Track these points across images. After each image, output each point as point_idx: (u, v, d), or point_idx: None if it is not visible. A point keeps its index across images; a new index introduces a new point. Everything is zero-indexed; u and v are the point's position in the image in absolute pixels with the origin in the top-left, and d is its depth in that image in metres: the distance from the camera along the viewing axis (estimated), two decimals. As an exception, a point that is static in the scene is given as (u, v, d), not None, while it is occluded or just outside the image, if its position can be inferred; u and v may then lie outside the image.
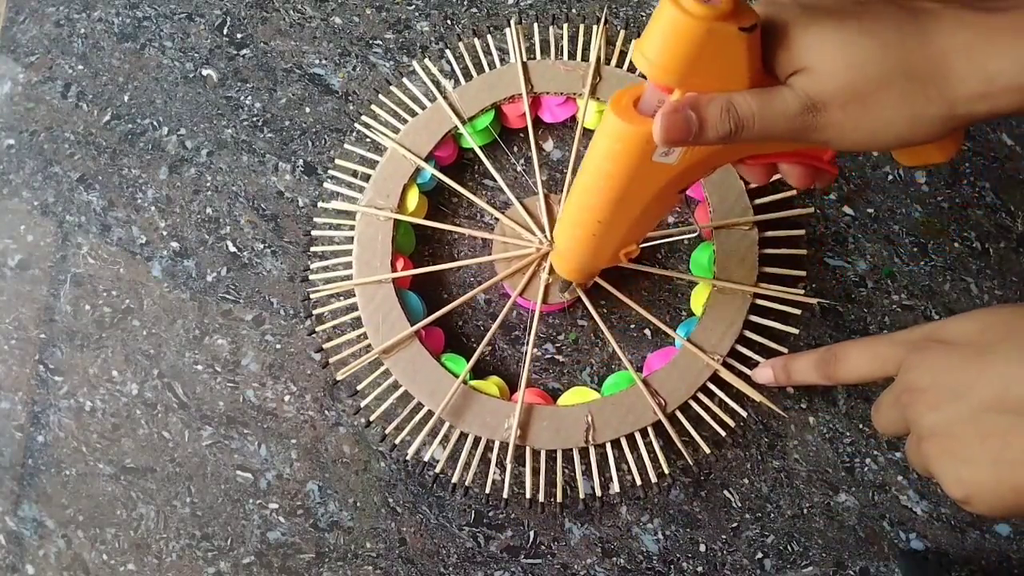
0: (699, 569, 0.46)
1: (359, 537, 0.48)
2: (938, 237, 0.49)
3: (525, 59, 0.50)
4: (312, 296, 0.48)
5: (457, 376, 0.45)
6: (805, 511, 0.47)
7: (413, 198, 0.48)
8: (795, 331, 0.46)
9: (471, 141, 0.49)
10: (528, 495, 0.45)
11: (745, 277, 0.46)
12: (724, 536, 0.47)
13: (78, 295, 0.51)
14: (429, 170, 0.48)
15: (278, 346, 0.50)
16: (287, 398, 0.49)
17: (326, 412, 0.49)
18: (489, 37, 0.51)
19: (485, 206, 0.49)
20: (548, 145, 0.52)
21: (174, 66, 0.54)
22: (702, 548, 0.47)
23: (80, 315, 0.51)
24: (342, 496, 0.48)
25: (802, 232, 0.48)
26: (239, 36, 0.54)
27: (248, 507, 0.48)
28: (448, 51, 0.52)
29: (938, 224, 0.49)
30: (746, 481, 0.47)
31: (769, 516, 0.47)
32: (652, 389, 0.45)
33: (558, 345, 0.49)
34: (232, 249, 0.51)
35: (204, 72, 0.54)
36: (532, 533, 0.47)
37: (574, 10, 0.53)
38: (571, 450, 0.45)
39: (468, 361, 0.46)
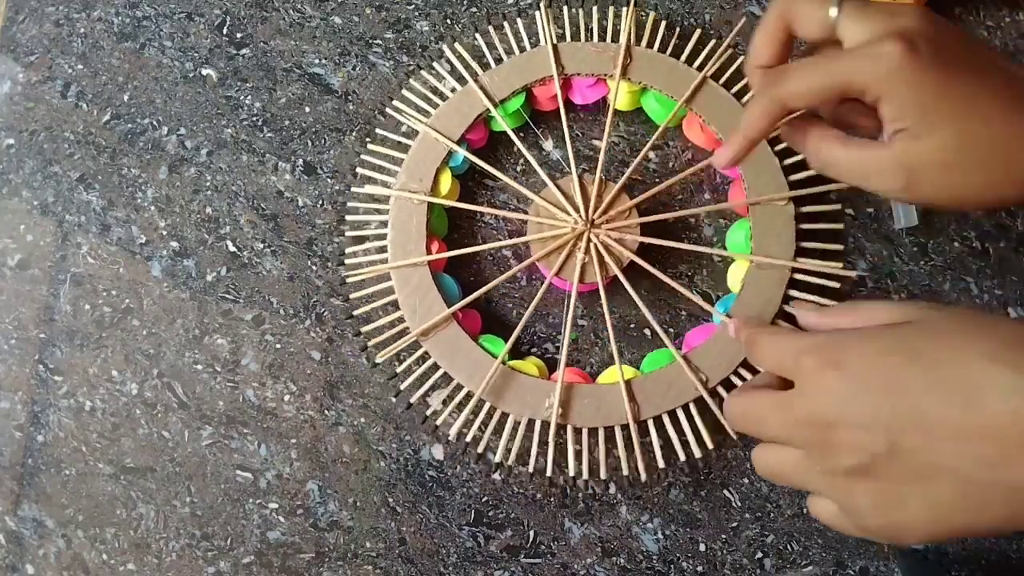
0: (699, 569, 0.46)
1: (359, 537, 0.48)
2: (938, 237, 0.49)
3: (555, 41, 0.50)
4: (348, 280, 0.48)
5: (496, 357, 0.45)
6: (805, 510, 0.47)
7: (446, 181, 0.48)
8: (835, 304, 0.45)
9: (503, 124, 0.49)
10: (572, 474, 0.45)
11: (783, 252, 0.46)
12: (724, 536, 0.47)
13: (78, 295, 0.51)
14: (462, 153, 0.48)
15: (278, 346, 0.50)
16: (287, 398, 0.49)
17: (326, 412, 0.49)
18: (519, 20, 0.51)
19: (519, 187, 0.49)
20: (548, 144, 0.52)
21: (174, 66, 0.54)
22: (702, 548, 0.47)
23: (80, 315, 0.51)
24: (342, 496, 0.48)
25: (839, 206, 0.47)
26: (239, 36, 0.54)
27: (248, 507, 0.48)
28: (478, 35, 0.51)
29: (938, 224, 0.49)
30: (746, 481, 0.47)
31: (769, 516, 0.47)
32: (693, 365, 0.45)
33: (558, 345, 0.49)
34: (232, 249, 0.51)
35: (204, 72, 0.54)
36: (532, 533, 0.47)
37: None
38: (613, 428, 0.45)
39: (506, 342, 0.46)
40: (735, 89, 0.49)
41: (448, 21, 0.54)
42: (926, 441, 0.27)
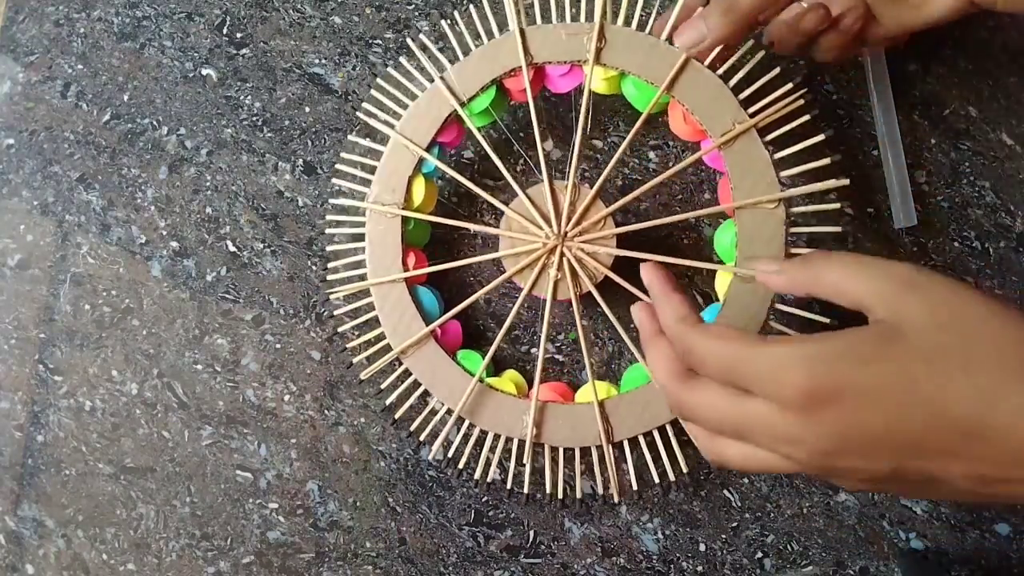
0: (699, 569, 0.46)
1: (359, 537, 0.48)
2: (938, 237, 0.49)
3: (523, 25, 0.44)
4: (331, 297, 0.48)
5: (473, 374, 0.45)
6: (805, 510, 0.47)
7: (419, 190, 0.46)
8: (824, 320, 0.43)
9: (471, 125, 0.46)
10: (548, 490, 0.45)
11: None
12: (724, 536, 0.47)
13: (78, 295, 0.51)
14: (432, 161, 0.46)
15: (278, 346, 0.50)
16: (287, 398, 0.49)
17: (326, 412, 0.49)
18: (485, 3, 0.47)
19: (489, 198, 0.47)
20: (548, 144, 0.52)
21: (174, 66, 0.54)
22: (702, 548, 0.47)
23: (80, 315, 0.51)
24: (342, 496, 0.48)
25: (837, 206, 0.43)
26: (239, 36, 0.54)
27: (248, 507, 0.48)
28: (444, 23, 0.47)
29: (938, 224, 0.49)
30: (746, 481, 0.47)
31: (769, 516, 0.47)
32: None
33: (558, 344, 0.49)
34: (232, 249, 0.51)
35: (204, 72, 0.54)
36: (532, 533, 0.47)
37: None
38: (588, 447, 0.45)
39: (483, 358, 0.45)
40: (722, 70, 0.43)
41: (448, 21, 0.54)
42: (925, 463, 0.27)
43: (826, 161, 0.43)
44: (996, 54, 0.50)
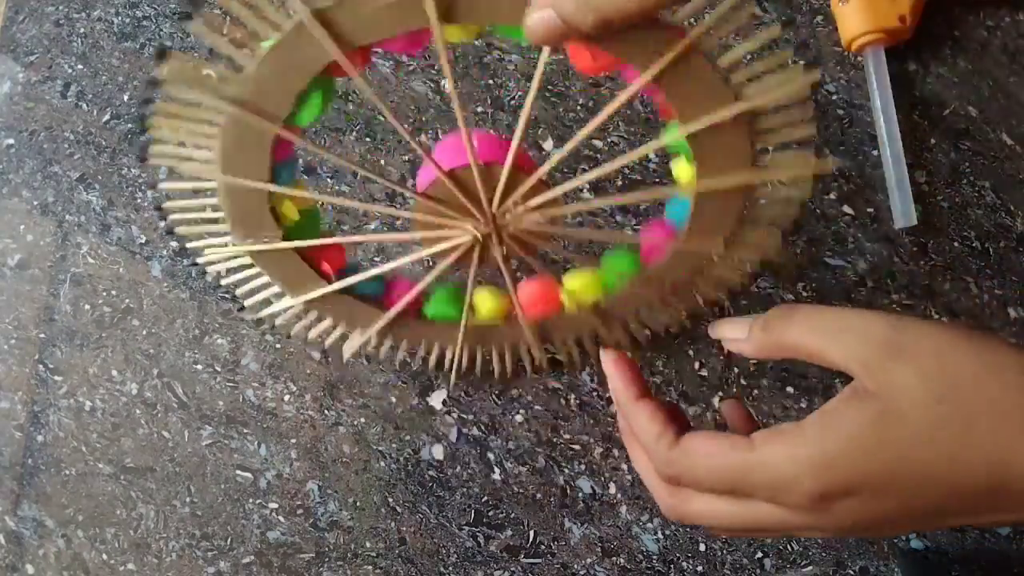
0: (699, 569, 0.46)
1: (359, 537, 0.48)
2: (938, 237, 0.49)
3: (317, 3, 0.29)
4: (277, 324, 0.44)
5: (457, 321, 0.42)
6: (805, 511, 0.47)
7: (290, 206, 0.38)
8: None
9: (297, 141, 0.34)
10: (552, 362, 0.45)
11: (737, 166, 0.34)
12: (724, 535, 0.47)
13: (78, 295, 0.51)
14: (285, 193, 0.36)
15: (278, 346, 0.50)
16: (287, 397, 0.49)
17: (326, 412, 0.49)
18: None
19: (377, 208, 0.38)
20: (548, 144, 0.52)
21: (174, 66, 0.54)
22: (702, 547, 0.47)
23: (80, 315, 0.51)
24: (342, 496, 0.48)
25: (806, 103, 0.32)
26: (239, 35, 0.54)
27: (248, 507, 0.48)
28: (188, 24, 0.33)
29: (938, 224, 0.49)
30: (746, 481, 0.47)
31: (769, 516, 0.47)
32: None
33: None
34: (232, 249, 0.51)
35: (203, 72, 0.54)
36: (532, 533, 0.47)
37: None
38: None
39: (450, 297, 0.42)
40: None
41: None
42: (950, 522, 0.27)
43: (787, 54, 0.31)
44: (996, 54, 0.50)
